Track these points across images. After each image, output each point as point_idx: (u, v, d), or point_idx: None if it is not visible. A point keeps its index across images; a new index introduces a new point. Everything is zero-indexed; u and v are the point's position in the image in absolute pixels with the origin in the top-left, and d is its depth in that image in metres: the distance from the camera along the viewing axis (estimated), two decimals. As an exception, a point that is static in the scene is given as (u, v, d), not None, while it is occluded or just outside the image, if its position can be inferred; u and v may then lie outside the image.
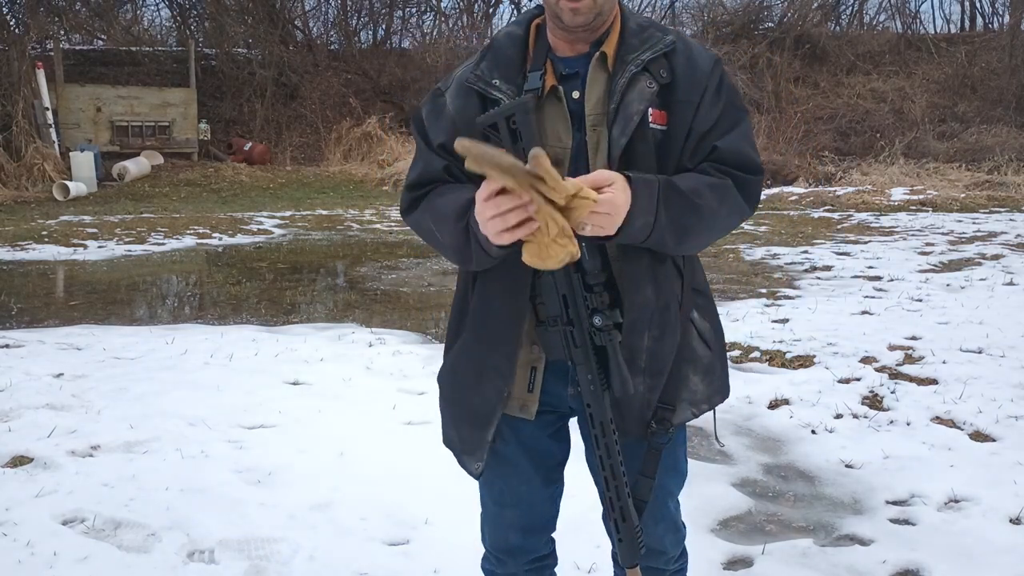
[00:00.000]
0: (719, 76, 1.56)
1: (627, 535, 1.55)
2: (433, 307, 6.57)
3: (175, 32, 22.22)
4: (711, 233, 1.55)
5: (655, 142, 1.50)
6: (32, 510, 2.91)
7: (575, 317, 1.48)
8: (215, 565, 2.62)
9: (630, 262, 1.52)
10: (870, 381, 4.42)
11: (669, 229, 1.45)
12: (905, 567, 2.67)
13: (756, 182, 1.57)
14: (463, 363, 1.65)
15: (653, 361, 1.56)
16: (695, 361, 1.63)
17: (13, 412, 3.85)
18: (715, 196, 1.50)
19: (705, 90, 1.52)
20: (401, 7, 21.97)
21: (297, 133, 18.75)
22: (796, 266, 8.18)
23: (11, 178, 13.83)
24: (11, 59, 14.59)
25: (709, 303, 1.67)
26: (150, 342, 5.20)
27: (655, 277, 1.54)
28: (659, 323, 1.55)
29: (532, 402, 1.61)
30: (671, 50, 1.53)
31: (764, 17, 21.11)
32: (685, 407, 1.62)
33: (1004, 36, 20.16)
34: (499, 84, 1.52)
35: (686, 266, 1.61)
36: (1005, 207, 12.78)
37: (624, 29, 1.54)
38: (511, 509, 1.73)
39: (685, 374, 1.61)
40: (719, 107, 1.54)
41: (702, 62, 1.55)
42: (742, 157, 1.54)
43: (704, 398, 1.65)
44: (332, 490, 3.12)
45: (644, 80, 1.50)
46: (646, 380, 1.56)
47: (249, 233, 10.50)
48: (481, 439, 1.64)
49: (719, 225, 1.55)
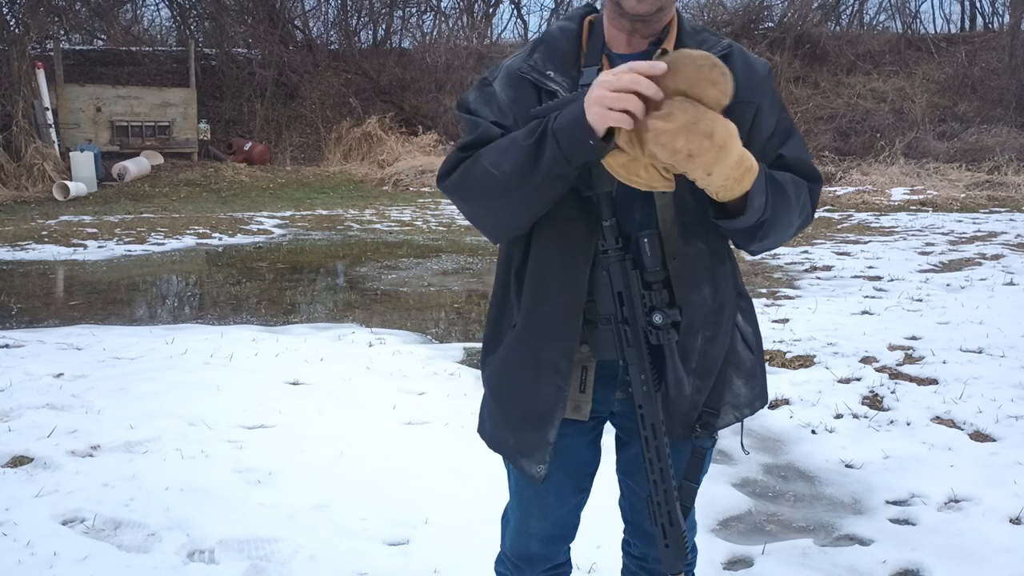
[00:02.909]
0: (772, 84, 1.58)
1: (674, 540, 1.50)
2: (433, 307, 6.57)
3: (175, 32, 22.24)
4: (787, 231, 1.52)
5: None
6: (32, 510, 2.91)
7: (630, 315, 1.45)
8: (215, 565, 2.62)
9: (689, 260, 1.48)
10: (870, 381, 4.42)
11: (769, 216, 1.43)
12: (905, 567, 2.67)
13: (817, 190, 1.58)
14: (517, 361, 1.57)
15: (704, 362, 1.54)
16: (739, 364, 1.61)
17: (13, 412, 3.85)
18: (796, 192, 1.49)
19: (764, 93, 1.53)
20: (401, 7, 21.97)
21: (297, 133, 18.75)
22: (796, 266, 8.18)
23: (11, 178, 13.83)
24: (11, 59, 14.58)
25: (750, 307, 1.67)
26: (150, 342, 5.20)
27: (713, 277, 1.51)
28: (712, 324, 1.53)
29: (585, 403, 1.58)
30: (728, 53, 1.52)
31: (764, 17, 21.10)
32: (729, 411, 1.61)
33: (1004, 36, 20.15)
34: (553, 76, 1.49)
35: (733, 269, 1.60)
36: (1005, 207, 12.78)
37: (681, 30, 1.53)
38: (537, 519, 1.71)
39: (729, 377, 1.60)
40: (775, 114, 1.55)
41: (759, 66, 1.56)
42: (806, 166, 1.56)
43: (747, 402, 1.64)
44: (332, 490, 3.12)
45: None
46: (696, 381, 1.54)
47: (249, 233, 10.50)
48: (542, 440, 1.57)
49: (795, 222, 1.53)
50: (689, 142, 1.27)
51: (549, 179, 1.39)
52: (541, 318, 1.52)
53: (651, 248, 1.43)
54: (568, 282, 1.49)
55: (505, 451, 1.65)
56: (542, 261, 1.52)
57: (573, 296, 1.49)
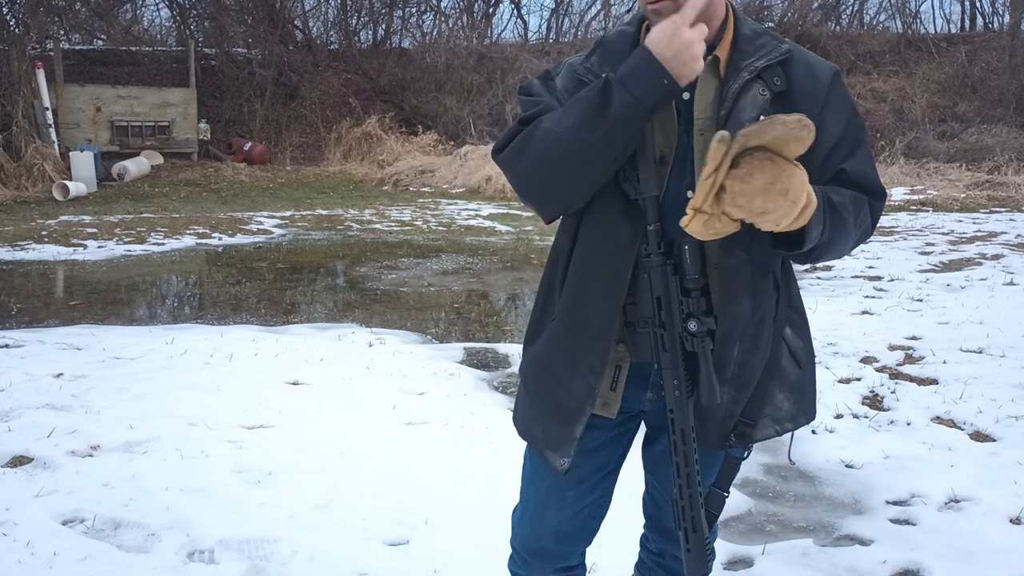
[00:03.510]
0: (840, 89, 1.52)
1: (696, 546, 1.50)
2: (433, 307, 6.57)
3: (175, 32, 22.24)
4: (843, 249, 1.53)
5: None
6: (32, 510, 2.90)
7: (667, 320, 1.45)
8: (215, 565, 2.62)
9: (729, 271, 1.48)
10: (870, 381, 4.42)
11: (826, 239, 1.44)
12: (905, 567, 2.67)
13: (880, 207, 1.56)
14: (553, 355, 1.60)
15: (741, 373, 1.53)
16: (783, 378, 1.60)
17: (13, 412, 3.85)
18: (855, 212, 1.48)
19: (826, 101, 1.49)
20: (401, 7, 21.96)
21: (297, 133, 18.75)
22: (796, 266, 8.17)
23: (11, 178, 13.83)
24: (11, 59, 14.58)
25: (803, 321, 1.64)
26: (150, 342, 5.20)
27: (754, 289, 1.50)
28: (752, 335, 1.52)
29: (614, 401, 1.59)
30: (787, 58, 1.50)
31: (764, 17, 21.09)
32: (768, 423, 1.59)
33: (1004, 36, 20.15)
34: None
35: (783, 281, 1.58)
36: (1005, 207, 12.78)
37: (737, 35, 1.51)
38: (554, 511, 1.70)
39: (771, 390, 1.58)
40: (843, 121, 1.51)
41: (820, 72, 1.51)
42: (869, 181, 1.53)
43: (789, 416, 1.62)
44: (332, 490, 3.12)
45: (757, 87, 1.46)
46: (731, 392, 1.53)
47: (249, 233, 10.50)
48: (568, 435, 1.58)
49: (852, 240, 1.52)
50: (766, 202, 1.30)
51: (620, 125, 1.38)
52: (579, 317, 1.54)
53: (691, 256, 1.44)
54: (609, 284, 1.51)
55: (533, 442, 1.67)
56: (585, 260, 1.54)
57: (613, 298, 1.51)
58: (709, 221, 1.33)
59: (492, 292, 7.27)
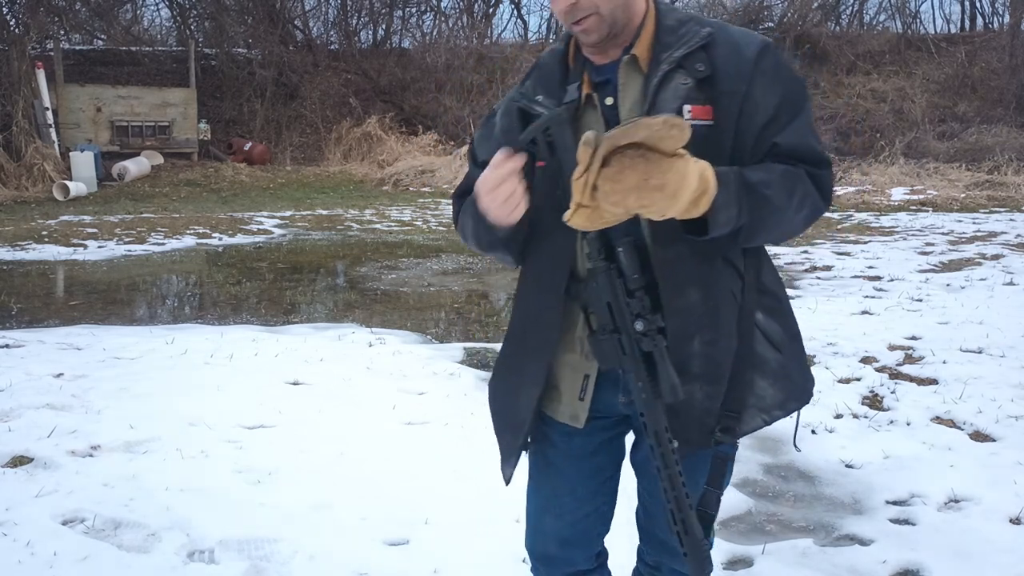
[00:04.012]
0: (771, 62, 1.49)
1: (691, 548, 1.47)
2: (433, 307, 6.57)
3: (175, 32, 22.25)
4: (785, 226, 1.49)
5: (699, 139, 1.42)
6: (32, 510, 2.90)
7: (621, 324, 1.46)
8: (215, 565, 2.62)
9: (671, 264, 1.47)
10: (870, 381, 4.42)
11: (747, 222, 1.42)
12: (905, 567, 2.67)
13: (825, 176, 1.50)
14: (504, 371, 1.68)
15: (708, 366, 1.50)
16: (761, 365, 1.55)
17: (13, 412, 3.85)
18: (785, 187, 1.45)
19: (752, 78, 1.46)
20: (401, 7, 21.97)
21: (297, 133, 18.75)
22: (796, 266, 8.18)
23: (11, 178, 13.84)
24: (11, 59, 14.59)
25: (777, 304, 1.59)
26: (150, 342, 5.20)
27: (701, 279, 1.48)
28: (711, 327, 1.49)
29: (583, 410, 1.59)
30: (709, 42, 1.47)
31: (764, 17, 21.11)
32: (754, 414, 1.55)
33: (1004, 36, 20.15)
34: (542, 100, 1.54)
35: (749, 266, 1.54)
36: (1005, 207, 12.78)
37: (659, 28, 1.50)
38: (554, 518, 1.70)
39: (751, 379, 1.54)
40: (777, 94, 1.48)
41: (745, 49, 1.48)
42: (805, 149, 1.48)
43: (776, 404, 1.57)
44: (332, 490, 3.12)
45: (678, 77, 1.45)
46: (703, 387, 1.50)
47: (249, 233, 10.50)
48: (514, 445, 1.65)
49: (791, 218, 1.48)
50: (640, 198, 1.29)
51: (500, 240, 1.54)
52: (523, 331, 1.62)
53: (627, 256, 1.45)
54: (547, 296, 1.56)
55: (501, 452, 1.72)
56: (527, 274, 1.61)
57: (550, 310, 1.55)
58: (594, 214, 1.34)
59: (492, 292, 7.28)
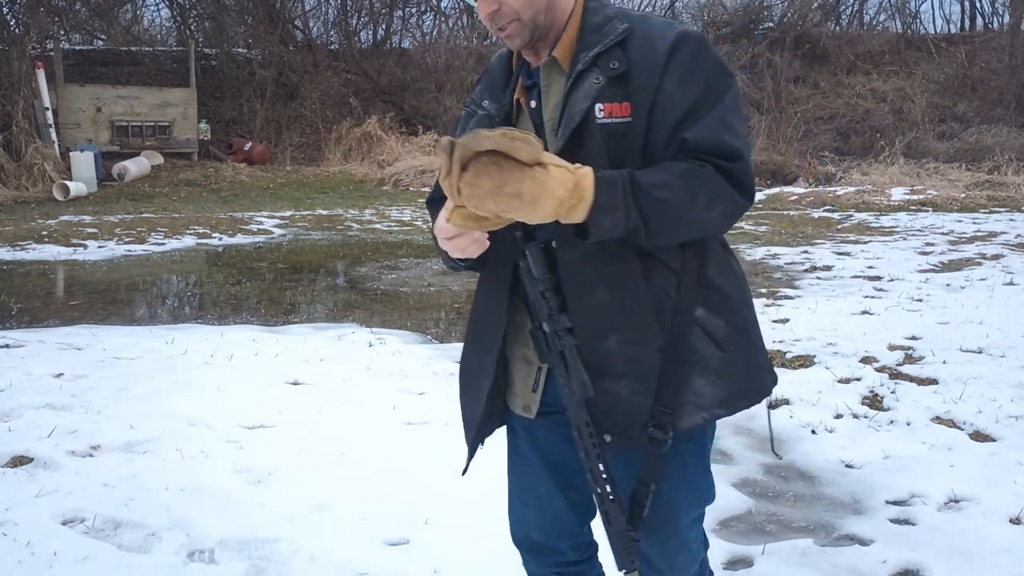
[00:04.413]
0: (687, 54, 1.43)
1: (614, 539, 1.52)
2: (433, 307, 6.57)
3: (175, 32, 22.25)
4: (696, 225, 1.44)
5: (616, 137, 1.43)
6: (32, 510, 2.91)
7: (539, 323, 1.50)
8: (215, 565, 2.62)
9: (576, 264, 1.47)
10: (870, 381, 4.42)
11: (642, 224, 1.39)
12: (905, 567, 2.67)
13: (738, 169, 1.43)
14: (464, 366, 1.72)
15: (631, 364, 1.48)
16: (700, 363, 1.51)
17: (13, 412, 3.85)
18: (688, 186, 1.40)
19: (665, 72, 1.42)
20: (401, 7, 21.98)
21: (297, 133, 18.75)
22: (796, 266, 8.18)
23: (11, 178, 13.84)
24: (11, 59, 14.59)
25: (725, 298, 1.53)
26: (150, 342, 5.20)
27: (611, 278, 1.47)
28: (629, 325, 1.47)
29: (534, 402, 1.62)
30: (625, 37, 1.45)
31: (764, 17, 21.11)
32: (691, 411, 1.51)
33: (1004, 36, 20.16)
34: (487, 105, 1.59)
35: (688, 262, 1.50)
36: (1005, 207, 12.78)
37: (583, 27, 1.49)
38: (532, 509, 1.73)
39: (686, 376, 1.50)
40: (695, 89, 1.43)
41: (659, 43, 1.44)
42: (714, 144, 1.41)
43: (716, 402, 1.52)
44: (332, 490, 3.12)
45: (591, 76, 1.45)
46: (629, 384, 1.49)
47: (249, 233, 10.50)
48: (468, 437, 1.73)
49: (702, 217, 1.43)
50: (497, 204, 1.32)
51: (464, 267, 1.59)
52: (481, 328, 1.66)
53: (534, 257, 1.49)
54: (494, 294, 1.60)
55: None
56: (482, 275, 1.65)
57: (497, 306, 1.59)
58: (469, 215, 1.37)
59: (492, 292, 7.27)
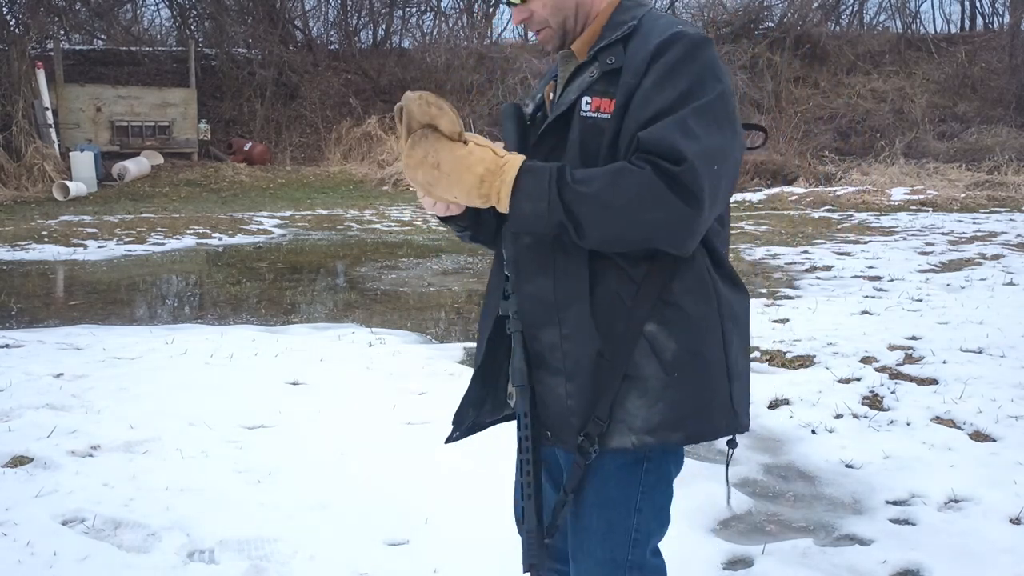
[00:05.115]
0: (673, 56, 1.37)
1: (523, 537, 1.48)
2: (433, 307, 6.57)
3: (175, 32, 22.23)
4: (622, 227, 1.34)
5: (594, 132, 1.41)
6: (32, 510, 2.90)
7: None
8: (215, 565, 2.62)
9: (524, 250, 1.48)
10: (870, 381, 4.42)
11: (567, 219, 1.35)
12: (905, 567, 2.67)
13: (679, 173, 1.31)
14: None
15: (567, 362, 1.44)
16: (639, 380, 1.41)
17: (13, 412, 3.85)
18: (614, 184, 1.33)
19: (647, 72, 1.37)
20: (401, 7, 21.97)
21: (297, 133, 18.75)
22: (796, 266, 8.18)
23: (11, 178, 13.83)
24: (11, 59, 14.59)
25: (685, 319, 1.42)
26: (150, 342, 5.20)
27: (556, 269, 1.43)
28: (566, 320, 1.43)
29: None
30: (629, 33, 1.44)
31: (764, 17, 21.10)
32: (622, 431, 1.42)
33: (1004, 36, 20.16)
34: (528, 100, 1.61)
35: (652, 273, 1.41)
36: (1005, 207, 12.78)
37: (607, 24, 1.50)
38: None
39: (623, 391, 1.42)
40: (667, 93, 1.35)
41: (651, 39, 1.40)
42: (659, 145, 1.32)
43: (647, 427, 1.41)
44: (332, 490, 3.12)
45: (589, 69, 1.45)
46: (565, 383, 1.44)
47: (249, 233, 10.50)
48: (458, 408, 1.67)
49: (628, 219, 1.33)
50: (425, 175, 1.40)
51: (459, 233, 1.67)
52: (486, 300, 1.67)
53: (503, 238, 1.53)
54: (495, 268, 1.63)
55: None
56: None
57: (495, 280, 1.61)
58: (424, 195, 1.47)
59: (492, 292, 7.27)
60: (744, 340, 1.52)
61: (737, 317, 1.49)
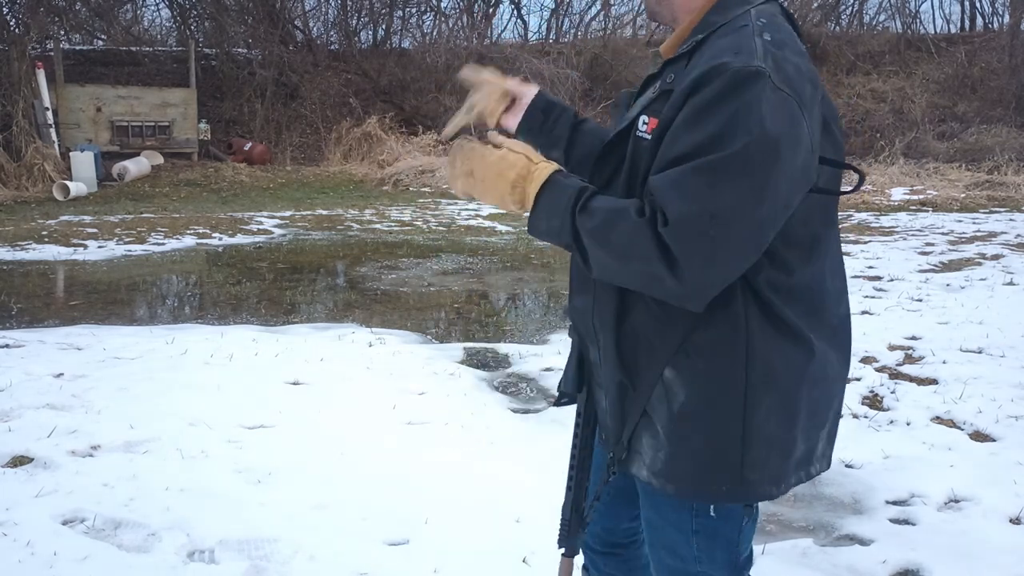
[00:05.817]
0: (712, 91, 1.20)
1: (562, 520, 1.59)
2: (433, 307, 6.57)
3: (175, 32, 22.23)
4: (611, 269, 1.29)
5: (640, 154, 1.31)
6: (32, 510, 2.90)
7: None
8: (215, 565, 2.62)
9: (572, 262, 1.44)
10: (870, 381, 4.42)
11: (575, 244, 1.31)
12: (905, 567, 2.67)
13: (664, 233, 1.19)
14: None
15: (604, 379, 1.45)
16: (652, 419, 1.38)
17: (13, 412, 3.85)
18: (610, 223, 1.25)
19: (684, 104, 1.23)
20: (401, 7, 21.95)
21: (297, 133, 18.74)
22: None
23: (11, 178, 13.82)
24: (11, 59, 14.58)
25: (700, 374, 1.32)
26: (150, 342, 5.20)
27: (594, 289, 1.41)
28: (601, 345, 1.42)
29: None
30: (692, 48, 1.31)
31: (764, 17, 21.08)
32: (639, 462, 1.41)
33: (1004, 36, 20.15)
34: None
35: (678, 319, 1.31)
36: (1005, 207, 12.78)
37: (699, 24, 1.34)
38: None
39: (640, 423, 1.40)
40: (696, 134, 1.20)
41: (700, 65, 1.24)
42: (658, 198, 1.21)
43: (653, 469, 1.39)
44: (332, 490, 3.12)
45: (656, 83, 1.35)
46: (605, 397, 1.46)
47: (249, 233, 10.50)
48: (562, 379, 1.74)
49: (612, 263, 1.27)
50: (464, 184, 1.43)
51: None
52: None
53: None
54: None
55: None
56: None
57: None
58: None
59: (492, 292, 7.27)
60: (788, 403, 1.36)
61: (778, 378, 1.33)
